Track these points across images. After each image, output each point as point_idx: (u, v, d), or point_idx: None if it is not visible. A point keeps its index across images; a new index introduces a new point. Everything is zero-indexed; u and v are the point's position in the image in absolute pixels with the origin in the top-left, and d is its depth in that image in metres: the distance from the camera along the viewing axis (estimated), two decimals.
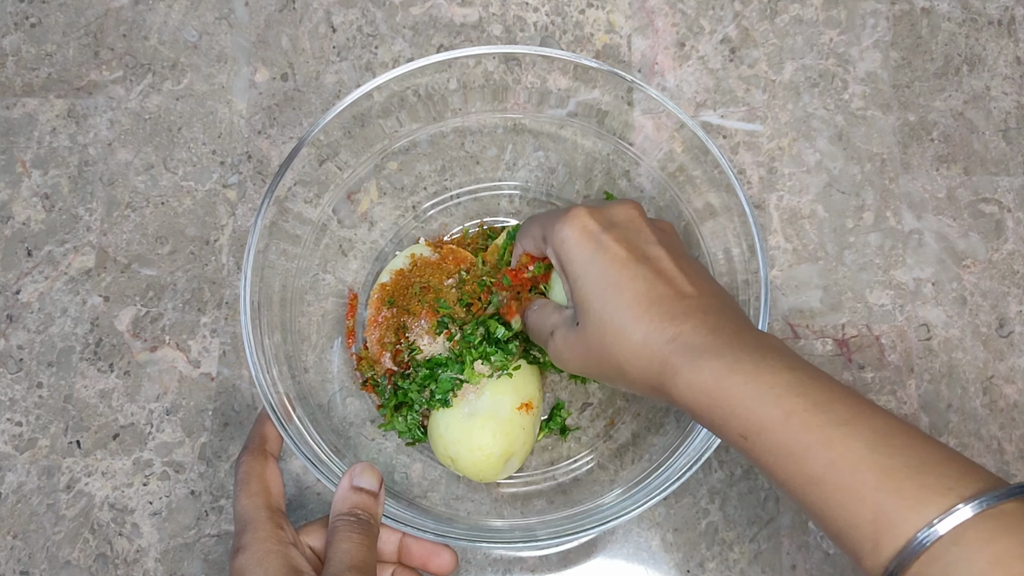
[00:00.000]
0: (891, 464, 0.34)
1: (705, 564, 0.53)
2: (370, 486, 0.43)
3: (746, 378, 0.38)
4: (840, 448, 0.35)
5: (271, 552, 0.41)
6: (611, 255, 0.43)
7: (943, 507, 0.33)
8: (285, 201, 0.52)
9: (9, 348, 0.57)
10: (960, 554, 0.32)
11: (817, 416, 0.36)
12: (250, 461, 0.45)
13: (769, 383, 0.37)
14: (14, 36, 0.63)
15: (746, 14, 0.63)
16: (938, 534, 0.33)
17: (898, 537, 0.33)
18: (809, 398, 0.37)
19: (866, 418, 0.36)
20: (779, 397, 0.37)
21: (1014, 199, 0.60)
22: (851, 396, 0.37)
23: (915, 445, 0.35)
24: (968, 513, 0.33)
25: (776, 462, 0.37)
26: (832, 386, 0.38)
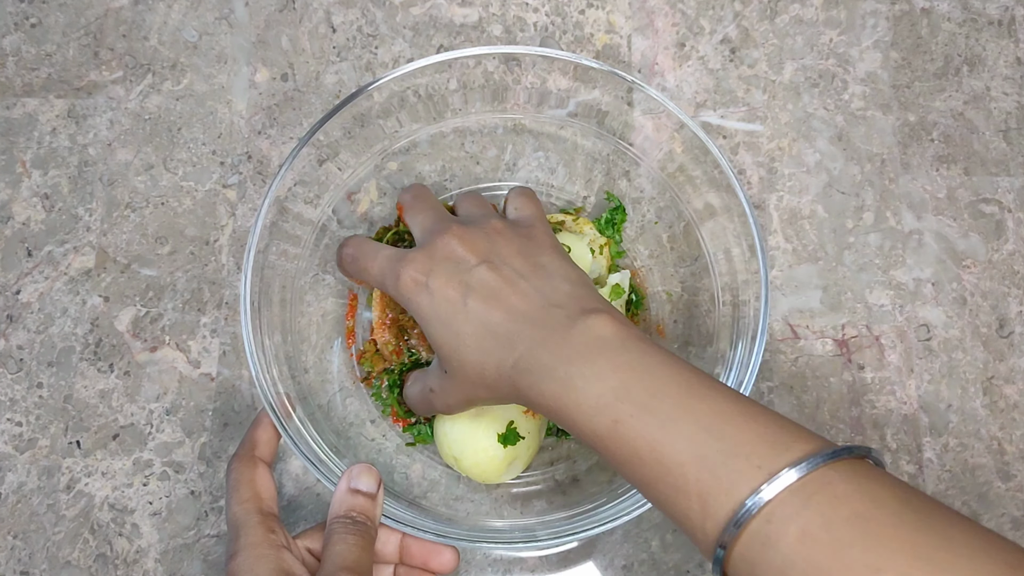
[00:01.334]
0: (709, 453, 0.36)
1: (704, 565, 0.53)
2: (368, 488, 0.43)
3: (577, 395, 0.39)
4: (665, 448, 0.37)
5: (263, 556, 0.41)
6: (440, 298, 0.44)
7: (752, 487, 0.34)
8: (285, 201, 0.52)
9: (9, 348, 0.57)
10: (771, 533, 0.33)
11: (641, 420, 0.37)
12: (239, 467, 0.45)
13: (596, 393, 0.39)
14: (14, 36, 0.63)
15: (746, 14, 0.63)
16: (750, 513, 0.33)
17: (717, 522, 0.35)
18: (634, 402, 0.38)
19: (690, 410, 0.37)
20: (606, 406, 0.38)
21: (1014, 199, 0.60)
22: (676, 385, 0.38)
23: (735, 426, 0.36)
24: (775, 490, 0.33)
25: (617, 466, 0.39)
26: (657, 379, 0.39)
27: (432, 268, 0.45)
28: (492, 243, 0.46)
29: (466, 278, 0.44)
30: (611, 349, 0.40)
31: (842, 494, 0.33)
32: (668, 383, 0.38)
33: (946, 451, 0.56)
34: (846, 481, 0.33)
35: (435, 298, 0.44)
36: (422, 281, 0.45)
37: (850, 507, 0.32)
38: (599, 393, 0.39)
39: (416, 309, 0.46)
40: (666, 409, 0.37)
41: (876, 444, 0.55)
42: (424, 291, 0.45)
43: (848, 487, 0.33)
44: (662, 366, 0.39)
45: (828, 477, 0.33)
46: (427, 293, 0.45)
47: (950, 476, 0.55)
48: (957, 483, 0.55)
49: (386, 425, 0.55)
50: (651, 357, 0.40)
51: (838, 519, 0.32)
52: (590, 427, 0.39)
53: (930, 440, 0.56)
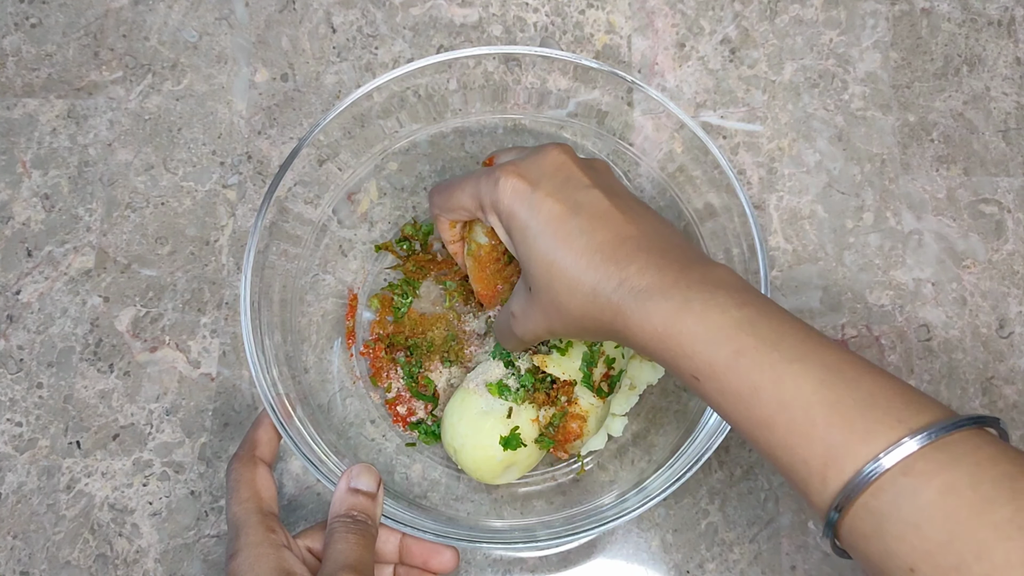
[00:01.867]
0: (841, 400, 0.34)
1: (705, 565, 0.53)
2: (368, 487, 0.43)
3: (695, 319, 0.37)
4: (790, 387, 0.35)
5: (263, 555, 0.41)
6: (546, 213, 0.41)
7: (891, 439, 0.33)
8: (285, 201, 0.52)
9: (9, 348, 0.57)
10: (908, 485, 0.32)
11: (766, 354, 0.35)
12: (239, 468, 0.45)
13: (717, 323, 0.37)
14: (14, 36, 0.63)
15: (746, 14, 0.63)
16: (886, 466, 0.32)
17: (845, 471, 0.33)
18: (758, 336, 0.36)
19: (817, 354, 0.35)
20: (728, 337, 0.36)
21: (1014, 200, 0.60)
22: (802, 331, 0.37)
23: (867, 379, 0.35)
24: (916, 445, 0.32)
25: (727, 403, 0.37)
26: (783, 321, 0.37)
27: (540, 178, 0.42)
28: (602, 176, 0.44)
29: (577, 196, 0.41)
30: (733, 288, 0.38)
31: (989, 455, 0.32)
32: (793, 328, 0.36)
33: None
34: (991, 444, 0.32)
35: (537, 210, 0.41)
36: (525, 189, 0.42)
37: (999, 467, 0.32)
38: (721, 322, 0.36)
39: (512, 218, 0.42)
40: (794, 349, 0.35)
41: None
42: (525, 200, 0.42)
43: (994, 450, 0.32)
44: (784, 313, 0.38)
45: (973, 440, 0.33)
46: (528, 203, 0.42)
47: None
48: None
49: (386, 425, 0.55)
50: (774, 304, 0.38)
51: (986, 478, 0.31)
52: (706, 355, 0.36)
53: None
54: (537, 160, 0.43)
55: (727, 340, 0.36)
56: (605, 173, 0.45)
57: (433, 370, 0.54)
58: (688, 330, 0.37)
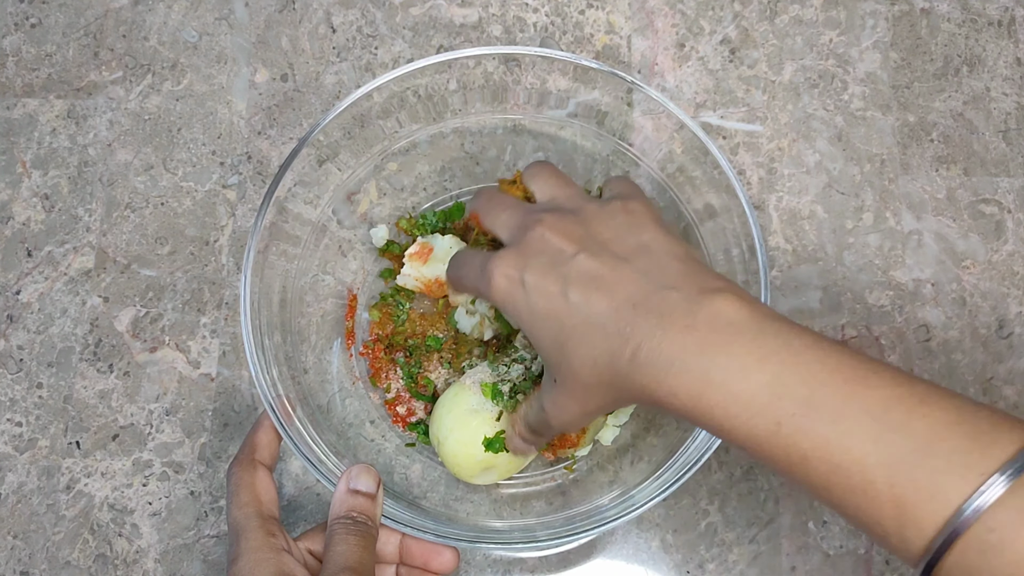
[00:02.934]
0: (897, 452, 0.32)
1: (705, 565, 0.53)
2: (367, 488, 0.43)
3: (720, 393, 0.35)
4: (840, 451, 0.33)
5: (263, 560, 0.41)
6: (542, 300, 0.40)
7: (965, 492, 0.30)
8: (285, 202, 0.52)
9: (9, 348, 0.57)
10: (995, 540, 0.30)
11: (807, 419, 0.33)
12: (239, 472, 0.45)
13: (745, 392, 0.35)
14: (14, 36, 0.63)
15: (746, 15, 0.63)
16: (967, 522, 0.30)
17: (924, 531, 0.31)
18: (792, 397, 0.34)
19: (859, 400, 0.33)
20: (760, 408, 0.34)
21: (1014, 200, 0.60)
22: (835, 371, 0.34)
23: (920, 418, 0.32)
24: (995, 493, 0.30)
25: (780, 468, 0.35)
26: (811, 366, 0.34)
27: (526, 264, 0.41)
28: (587, 227, 0.42)
29: (564, 270, 0.40)
30: (747, 335, 0.36)
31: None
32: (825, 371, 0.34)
33: None
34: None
35: (531, 295, 0.41)
36: (516, 278, 0.41)
37: None
38: (751, 392, 0.34)
39: (513, 310, 0.42)
40: (833, 402, 0.33)
41: None
42: (519, 289, 0.41)
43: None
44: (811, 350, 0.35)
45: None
46: (522, 291, 0.41)
47: None
48: None
49: (386, 426, 0.55)
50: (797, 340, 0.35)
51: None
52: (744, 430, 0.35)
53: None
54: (519, 247, 0.42)
55: (760, 412, 0.34)
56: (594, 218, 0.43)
57: (432, 370, 0.54)
58: (718, 404, 0.35)
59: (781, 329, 0.36)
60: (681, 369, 0.36)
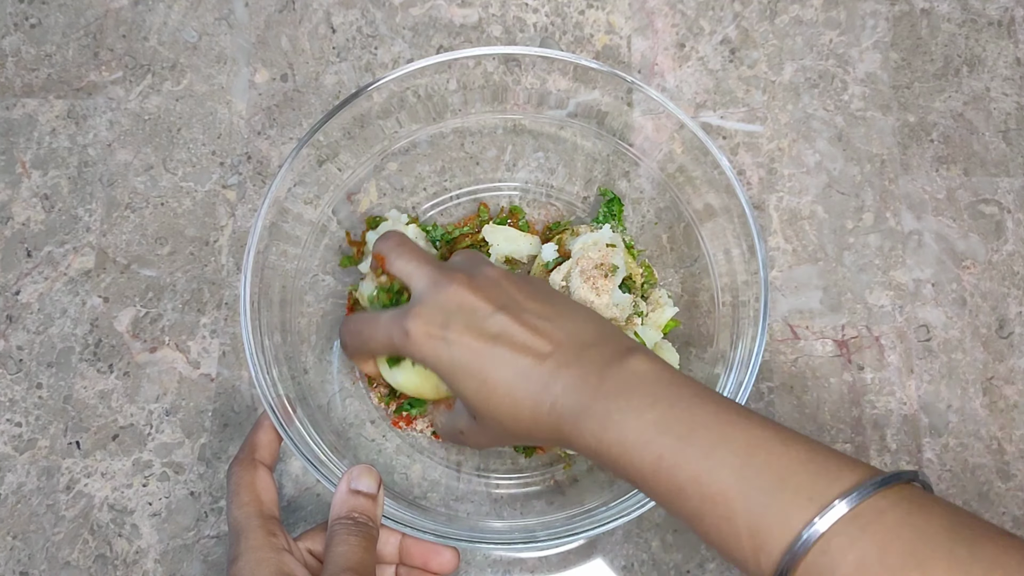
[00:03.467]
0: (756, 485, 0.36)
1: (705, 565, 0.53)
2: (368, 489, 0.43)
3: (617, 430, 0.39)
4: (708, 481, 0.37)
5: (263, 560, 0.41)
6: (465, 352, 0.43)
7: (805, 519, 0.34)
8: (285, 202, 0.52)
9: (9, 349, 0.57)
10: (827, 564, 0.34)
11: (682, 453, 0.37)
12: (239, 472, 0.45)
13: (636, 429, 0.39)
14: (14, 37, 0.63)
15: (746, 15, 0.63)
16: (807, 546, 0.34)
17: (772, 555, 0.35)
18: (673, 434, 0.38)
19: (728, 442, 0.37)
20: (647, 442, 0.38)
21: (1014, 200, 0.60)
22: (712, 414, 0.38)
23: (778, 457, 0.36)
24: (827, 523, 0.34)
25: (663, 502, 0.39)
26: (693, 408, 0.39)
27: (446, 320, 0.43)
28: (502, 289, 0.45)
29: (486, 326, 0.43)
30: (646, 384, 0.40)
31: (894, 523, 0.33)
32: (704, 414, 0.38)
33: (946, 451, 0.56)
34: (896, 508, 0.34)
35: (455, 350, 0.43)
36: (437, 335, 0.43)
37: (904, 537, 0.33)
38: (640, 428, 0.39)
39: (435, 363, 0.44)
40: (706, 441, 0.37)
41: (876, 444, 0.55)
42: (442, 344, 0.43)
43: (899, 515, 0.34)
44: (697, 397, 0.39)
45: (879, 506, 0.34)
46: (445, 345, 0.43)
47: (950, 476, 0.55)
48: (957, 483, 0.55)
49: (386, 425, 0.55)
50: (686, 389, 0.40)
51: (892, 550, 0.33)
52: (634, 464, 0.39)
53: (930, 440, 0.56)
54: (437, 302, 0.44)
55: (647, 446, 0.38)
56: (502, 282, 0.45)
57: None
58: (614, 441, 0.39)
59: (675, 379, 0.41)
60: (590, 414, 0.40)
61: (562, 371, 0.41)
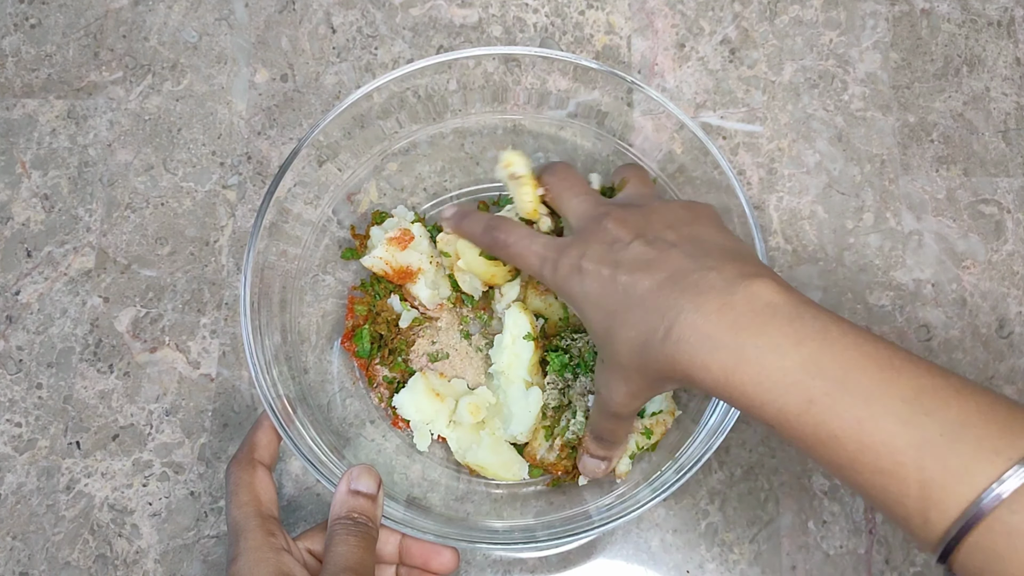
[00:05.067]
0: (928, 435, 0.32)
1: (705, 565, 0.53)
2: (368, 489, 0.43)
3: (753, 369, 0.36)
4: (870, 430, 0.33)
5: (262, 560, 0.41)
6: (592, 280, 0.42)
7: (992, 475, 0.31)
8: (285, 202, 0.52)
9: (9, 349, 0.57)
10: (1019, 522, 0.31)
11: (838, 399, 0.34)
12: (237, 471, 0.45)
13: (779, 369, 0.35)
14: (14, 37, 0.63)
15: (746, 15, 0.63)
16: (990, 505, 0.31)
17: (947, 513, 0.32)
18: (826, 377, 0.35)
19: (892, 386, 0.34)
20: (793, 384, 0.35)
21: (1014, 200, 0.60)
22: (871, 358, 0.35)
23: (952, 405, 0.33)
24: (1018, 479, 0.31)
25: (807, 447, 0.36)
26: (847, 350, 0.35)
27: (586, 251, 0.43)
28: (647, 219, 0.44)
29: (617, 256, 0.42)
30: (784, 317, 0.37)
31: None
32: (861, 356, 0.35)
33: None
34: None
35: (586, 279, 0.42)
36: (576, 265, 0.43)
37: None
38: (785, 369, 0.35)
39: (569, 294, 0.44)
40: (867, 385, 0.34)
41: None
42: (577, 274, 0.43)
43: None
44: (847, 336, 0.36)
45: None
46: (579, 276, 0.43)
47: None
48: None
49: (386, 425, 0.55)
50: (834, 326, 0.36)
51: None
52: (775, 406, 0.35)
53: None
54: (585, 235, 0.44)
55: (793, 388, 0.35)
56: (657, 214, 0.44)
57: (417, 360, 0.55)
58: (750, 380, 0.36)
59: (819, 314, 0.37)
60: (715, 346, 0.37)
61: (678, 295, 0.39)
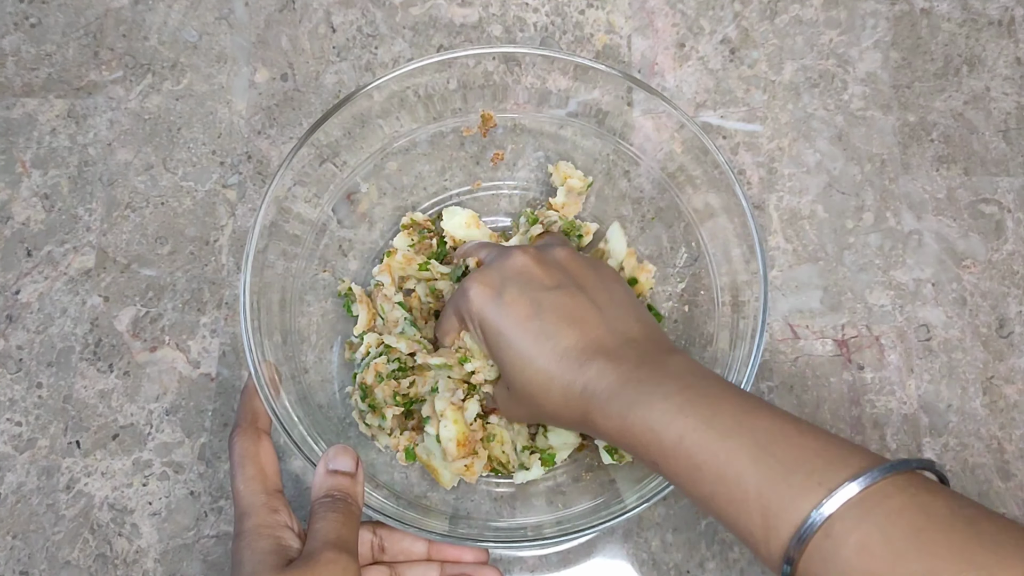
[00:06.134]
0: (770, 469, 0.37)
1: (705, 564, 0.53)
2: (346, 468, 0.44)
3: (644, 410, 0.40)
4: (724, 462, 0.38)
5: (263, 536, 0.42)
6: (512, 315, 0.45)
7: (813, 502, 0.35)
8: (285, 201, 0.52)
9: (9, 348, 0.57)
10: (830, 547, 0.34)
11: (703, 434, 0.38)
12: (243, 442, 0.45)
13: (662, 410, 0.40)
14: (14, 36, 0.63)
15: (746, 14, 0.63)
16: (813, 528, 0.34)
17: (781, 537, 0.36)
18: (697, 416, 0.39)
19: (748, 427, 0.38)
20: (671, 422, 0.39)
21: (1014, 199, 0.60)
22: (736, 404, 0.39)
23: (793, 444, 0.37)
24: (835, 504, 0.34)
25: (680, 482, 0.40)
26: (720, 399, 0.40)
27: (504, 282, 0.46)
28: (565, 270, 0.47)
29: (539, 297, 0.45)
30: (679, 375, 0.42)
31: (898, 507, 0.34)
32: (726, 402, 0.40)
33: (946, 451, 0.56)
34: (902, 493, 0.34)
35: (504, 312, 0.45)
36: (492, 293, 0.45)
37: (906, 519, 0.34)
38: (665, 408, 0.40)
39: (483, 320, 0.46)
40: (726, 425, 0.38)
41: (876, 444, 0.55)
42: (494, 302, 0.45)
43: (904, 500, 0.34)
44: (724, 390, 0.41)
45: (885, 491, 0.35)
46: (497, 305, 0.45)
47: (950, 475, 0.55)
48: (957, 482, 0.55)
49: None
50: (715, 383, 0.41)
51: (895, 532, 0.33)
52: (656, 443, 0.40)
53: (930, 440, 0.56)
54: (500, 266, 0.47)
55: (671, 425, 0.39)
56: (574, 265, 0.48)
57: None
58: (641, 421, 0.40)
59: (708, 375, 0.42)
60: (619, 395, 0.41)
61: (600, 357, 0.43)
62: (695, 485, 0.39)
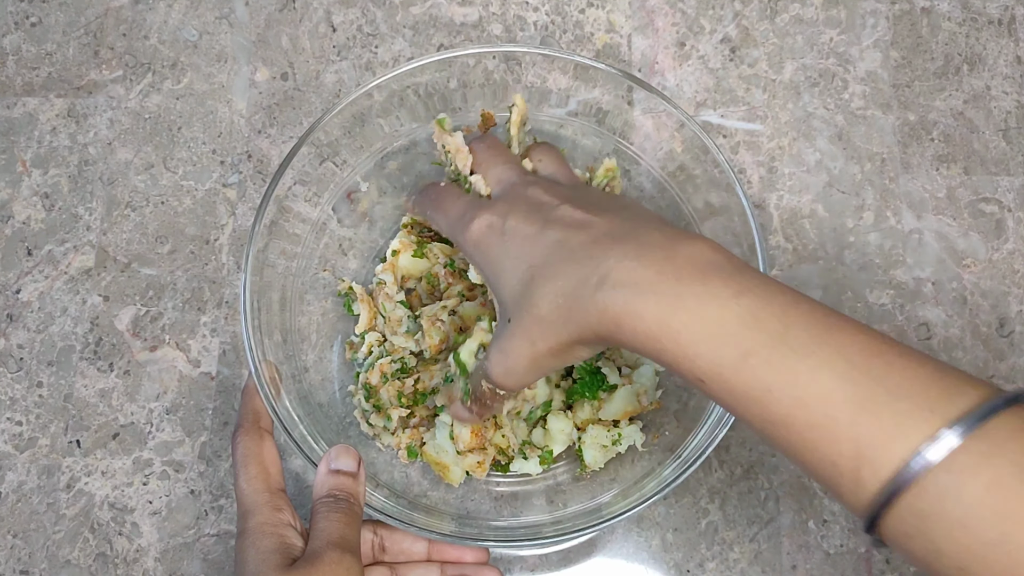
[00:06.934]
0: (865, 393, 0.31)
1: (705, 564, 0.53)
2: (348, 467, 0.44)
3: (690, 317, 0.34)
4: (807, 384, 0.32)
5: (266, 535, 0.42)
6: (515, 236, 0.40)
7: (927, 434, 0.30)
8: (285, 200, 0.52)
9: (9, 347, 0.57)
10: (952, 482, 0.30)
11: (776, 351, 0.33)
12: (246, 442, 0.45)
13: (717, 320, 0.34)
14: (14, 35, 0.63)
15: (746, 14, 0.63)
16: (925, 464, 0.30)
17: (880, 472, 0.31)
18: (765, 330, 0.33)
19: (833, 343, 0.33)
20: (731, 335, 0.33)
21: (1014, 199, 0.60)
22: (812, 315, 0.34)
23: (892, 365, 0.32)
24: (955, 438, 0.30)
25: (738, 404, 0.34)
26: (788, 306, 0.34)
27: (510, 211, 0.42)
28: (575, 190, 0.44)
29: (548, 215, 0.40)
30: (725, 272, 0.35)
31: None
32: (801, 313, 0.34)
33: None
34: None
35: (508, 236, 0.41)
36: (498, 225, 0.41)
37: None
38: (723, 320, 0.34)
39: (482, 256, 0.42)
40: (806, 341, 0.33)
41: None
42: (497, 236, 0.41)
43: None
44: (787, 294, 0.35)
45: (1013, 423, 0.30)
46: (500, 238, 0.41)
47: None
48: None
49: None
50: (774, 285, 0.35)
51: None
52: (709, 358, 0.34)
53: None
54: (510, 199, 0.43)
55: (731, 339, 0.33)
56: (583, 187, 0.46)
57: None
58: (686, 329, 0.34)
59: (759, 274, 0.36)
60: (652, 292, 0.35)
61: (617, 246, 0.37)
62: (762, 408, 0.33)
